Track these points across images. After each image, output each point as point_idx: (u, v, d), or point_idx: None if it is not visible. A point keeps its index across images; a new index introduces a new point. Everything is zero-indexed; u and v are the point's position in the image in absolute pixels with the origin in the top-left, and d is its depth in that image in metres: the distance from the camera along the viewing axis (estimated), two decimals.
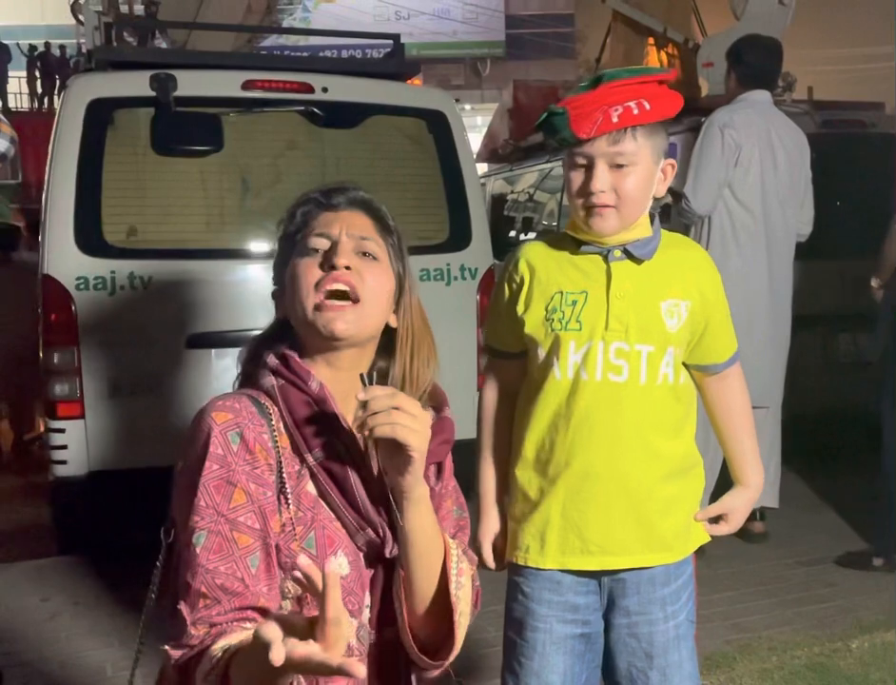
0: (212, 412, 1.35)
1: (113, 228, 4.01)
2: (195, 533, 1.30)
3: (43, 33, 23.65)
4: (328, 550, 1.38)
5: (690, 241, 2.00)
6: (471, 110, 22.07)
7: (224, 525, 1.30)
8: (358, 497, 1.38)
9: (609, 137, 1.76)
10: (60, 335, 3.89)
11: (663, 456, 1.88)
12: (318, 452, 1.38)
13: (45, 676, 3.29)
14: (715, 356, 1.95)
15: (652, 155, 1.82)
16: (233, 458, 1.33)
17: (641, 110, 1.75)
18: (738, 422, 2.03)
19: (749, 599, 3.83)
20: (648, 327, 1.83)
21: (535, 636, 1.93)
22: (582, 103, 1.78)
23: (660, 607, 1.92)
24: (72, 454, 3.91)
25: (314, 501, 1.39)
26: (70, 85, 4.13)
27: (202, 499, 1.31)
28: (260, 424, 1.37)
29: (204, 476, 1.31)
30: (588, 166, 1.80)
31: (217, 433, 1.33)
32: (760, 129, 4.19)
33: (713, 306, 1.91)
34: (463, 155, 4.51)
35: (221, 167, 4.20)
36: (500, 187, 8.39)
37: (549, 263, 1.90)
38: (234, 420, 1.35)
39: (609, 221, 1.81)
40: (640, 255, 1.85)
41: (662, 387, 1.86)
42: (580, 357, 1.84)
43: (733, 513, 2.02)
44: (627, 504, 1.86)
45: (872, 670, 3.26)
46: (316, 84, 4.31)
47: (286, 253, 1.48)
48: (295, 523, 1.36)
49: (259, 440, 1.35)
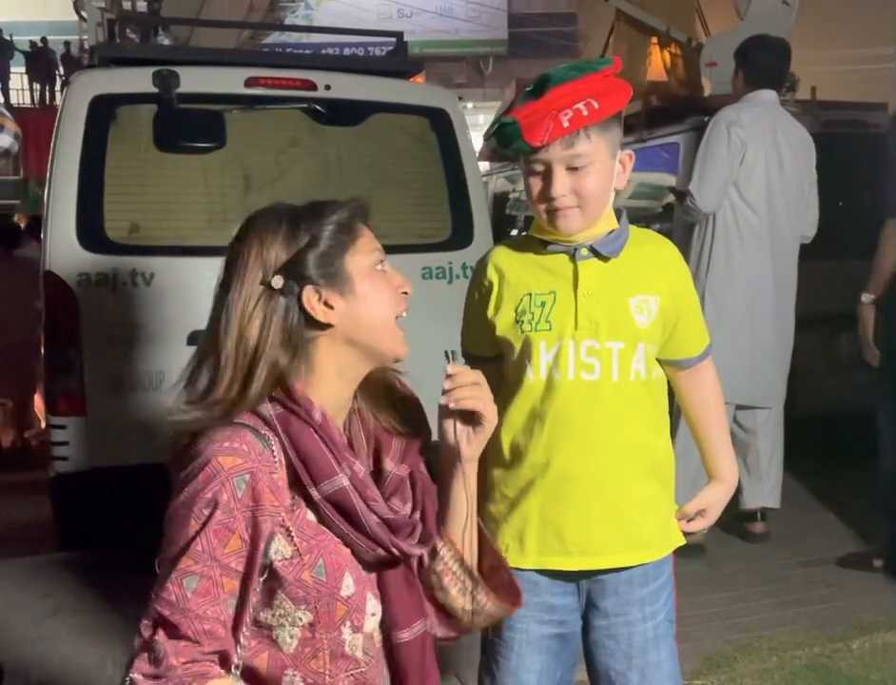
0: (219, 456, 1.32)
1: (115, 225, 4.01)
2: (187, 576, 1.30)
3: (45, 29, 23.63)
4: (336, 574, 1.38)
5: (658, 236, 1.99)
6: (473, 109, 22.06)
7: (216, 570, 1.31)
8: (366, 524, 1.38)
9: (563, 141, 1.76)
10: (62, 331, 3.89)
11: (639, 453, 1.88)
12: (324, 486, 1.37)
13: (45, 672, 3.29)
14: (687, 350, 1.96)
15: (609, 150, 1.82)
16: (236, 504, 1.31)
17: (591, 110, 1.74)
18: (711, 416, 2.04)
19: (749, 599, 3.82)
20: (617, 324, 1.83)
21: (512, 635, 1.94)
22: (531, 111, 1.78)
23: (639, 608, 1.92)
24: (73, 450, 3.91)
25: (315, 529, 1.39)
26: (73, 81, 4.13)
27: (199, 543, 1.30)
28: (269, 464, 1.35)
29: (206, 524, 1.30)
30: (546, 172, 1.81)
31: (224, 478, 1.31)
32: (766, 129, 4.19)
33: (683, 301, 1.92)
34: (466, 153, 4.50)
35: (223, 164, 4.20)
36: (502, 186, 8.38)
37: (516, 265, 1.91)
38: (242, 465, 1.33)
39: (572, 221, 1.81)
40: (607, 253, 1.85)
41: (635, 384, 1.85)
42: (552, 357, 1.84)
43: (710, 508, 2.04)
44: (604, 503, 1.86)
45: (873, 670, 3.26)
46: (319, 81, 4.31)
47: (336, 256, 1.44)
48: (302, 553, 1.36)
49: (269, 483, 1.34)
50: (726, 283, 4.23)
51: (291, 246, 1.42)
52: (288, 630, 1.38)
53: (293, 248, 1.42)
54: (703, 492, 2.06)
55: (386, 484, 1.46)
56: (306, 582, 1.36)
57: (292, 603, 1.37)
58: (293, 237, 1.42)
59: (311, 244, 1.42)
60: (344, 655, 1.41)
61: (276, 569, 1.36)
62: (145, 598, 1.35)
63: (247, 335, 1.39)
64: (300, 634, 1.38)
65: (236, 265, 1.44)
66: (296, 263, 1.41)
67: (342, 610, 1.39)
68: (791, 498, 4.92)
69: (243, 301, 1.40)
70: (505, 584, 1.59)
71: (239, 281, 1.42)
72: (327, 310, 1.42)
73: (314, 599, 1.37)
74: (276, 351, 1.39)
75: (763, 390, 4.27)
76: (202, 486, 1.31)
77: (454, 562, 1.54)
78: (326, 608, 1.38)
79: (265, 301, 1.40)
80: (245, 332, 1.39)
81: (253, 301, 1.40)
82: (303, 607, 1.37)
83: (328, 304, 1.42)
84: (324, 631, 1.38)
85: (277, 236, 1.43)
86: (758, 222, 4.21)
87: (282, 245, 1.42)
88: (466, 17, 27.16)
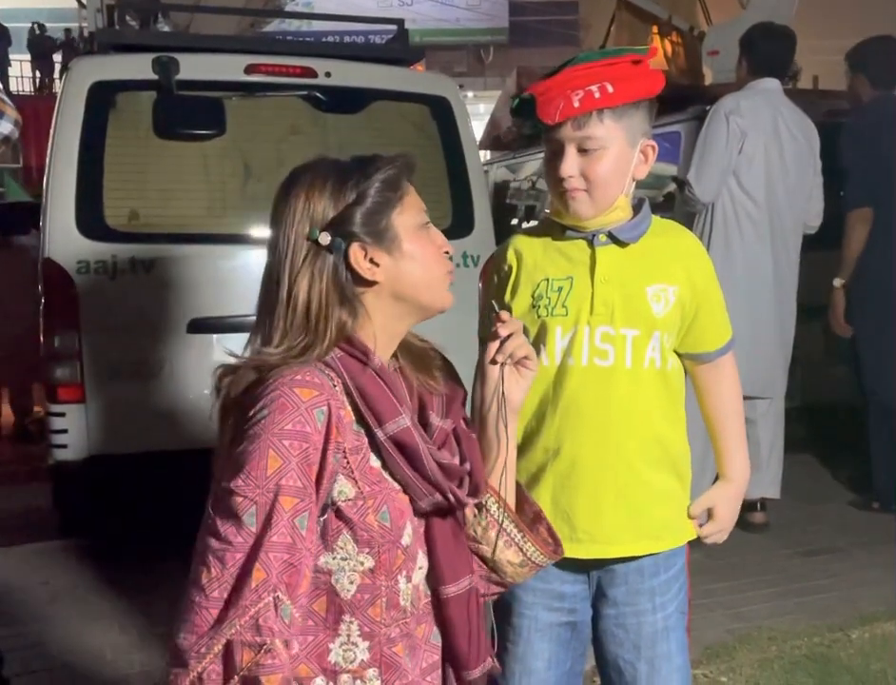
0: (296, 388, 1.31)
1: (115, 212, 4.00)
2: (298, 515, 1.28)
3: (44, 16, 23.52)
4: (399, 522, 1.39)
5: (681, 228, 1.98)
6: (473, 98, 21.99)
7: (313, 505, 1.31)
8: (428, 467, 1.38)
9: (574, 122, 1.76)
10: (61, 319, 3.88)
11: (652, 442, 1.87)
12: (389, 426, 1.37)
13: (44, 660, 3.29)
14: (707, 344, 1.94)
15: (626, 137, 1.80)
16: (318, 437, 1.31)
17: (603, 94, 1.74)
18: (727, 412, 2.01)
19: (749, 589, 3.83)
20: (633, 311, 1.83)
21: (521, 622, 1.95)
22: (547, 88, 1.79)
23: (648, 598, 1.91)
24: (73, 438, 3.91)
25: (378, 475, 1.39)
26: (72, 67, 4.11)
27: (292, 478, 1.28)
28: (338, 400, 1.35)
29: (294, 457, 1.28)
30: (559, 151, 1.80)
31: (305, 409, 1.30)
32: (767, 117, 4.17)
33: (703, 294, 1.89)
34: (467, 142, 4.49)
35: (223, 152, 4.18)
36: (503, 175, 8.35)
37: (535, 250, 1.91)
38: (319, 396, 1.32)
39: (581, 204, 1.81)
40: (625, 239, 1.84)
41: (649, 372, 1.84)
42: (567, 342, 1.84)
43: (718, 507, 1.99)
44: (615, 491, 1.85)
45: (872, 660, 3.26)
46: (319, 69, 4.29)
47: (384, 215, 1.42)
48: (366, 497, 1.36)
49: (338, 419, 1.34)
50: (724, 272, 4.21)
51: (338, 202, 1.40)
52: (348, 574, 1.37)
53: (340, 204, 1.40)
54: (710, 490, 2.03)
55: (434, 437, 1.46)
56: (371, 526, 1.35)
57: (356, 545, 1.36)
58: (340, 193, 1.41)
59: (358, 200, 1.40)
60: (397, 606, 1.41)
61: (341, 509, 1.35)
62: (144, 584, 1.33)
63: (297, 291, 1.38)
64: (359, 579, 1.37)
65: (282, 221, 1.42)
66: (343, 219, 1.40)
67: (401, 558, 1.40)
68: (792, 488, 4.93)
69: (290, 257, 1.40)
70: (545, 534, 1.61)
71: (285, 237, 1.41)
72: (373, 267, 1.41)
73: (378, 544, 1.36)
74: (338, 312, 1.39)
75: (763, 380, 4.26)
76: (281, 418, 1.29)
77: (501, 514, 1.55)
78: (388, 554, 1.37)
79: (313, 257, 1.39)
80: (295, 288, 1.39)
81: (301, 256, 1.40)
82: (367, 551, 1.36)
83: (374, 262, 1.41)
84: (384, 577, 1.38)
85: (324, 191, 1.41)
86: (757, 211, 4.19)
87: (329, 201, 1.41)
88: (467, 6, 27.05)
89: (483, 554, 1.57)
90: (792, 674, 3.19)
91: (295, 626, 1.29)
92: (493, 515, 1.56)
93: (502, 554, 1.56)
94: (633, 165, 1.83)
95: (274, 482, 1.27)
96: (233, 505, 1.28)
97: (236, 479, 1.28)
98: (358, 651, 1.39)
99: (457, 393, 1.54)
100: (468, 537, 1.55)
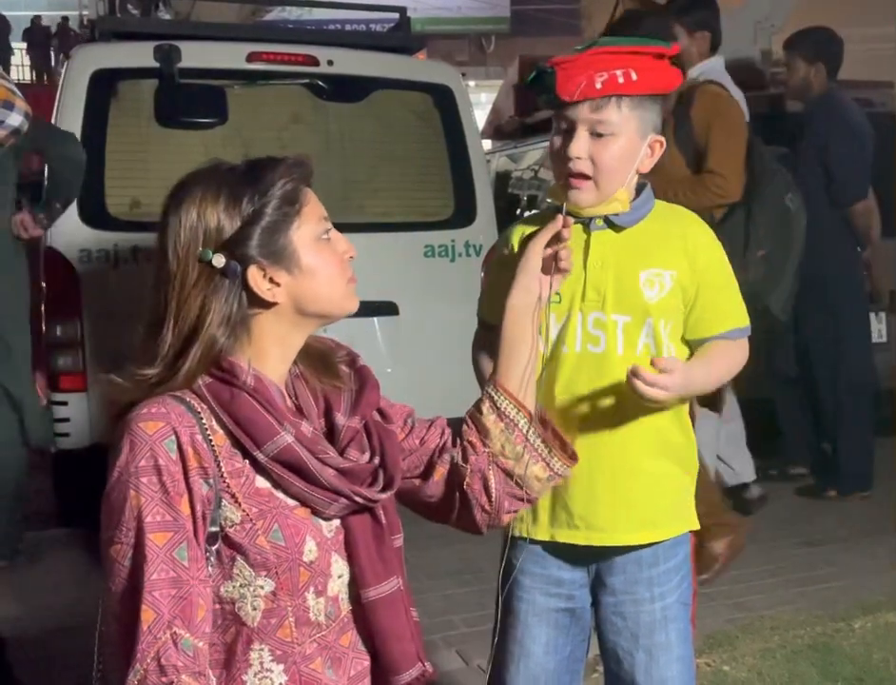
0: (139, 423, 1.28)
1: (117, 201, 4.00)
2: (176, 547, 1.26)
3: (44, 4, 23.49)
4: (296, 539, 1.35)
5: (687, 212, 1.94)
6: (475, 87, 21.93)
7: (189, 532, 1.28)
8: (320, 477, 1.34)
9: (591, 103, 1.74)
10: (63, 307, 3.88)
11: (648, 430, 1.85)
12: (268, 448, 1.33)
13: (45, 647, 3.29)
14: (704, 329, 1.85)
15: (638, 128, 1.78)
16: (174, 467, 1.28)
17: (627, 80, 1.73)
18: (714, 355, 1.86)
19: (751, 579, 3.82)
20: (624, 297, 1.81)
21: (519, 605, 1.95)
22: (570, 65, 1.76)
23: (646, 587, 1.90)
24: (74, 426, 3.91)
25: (268, 495, 1.35)
26: (74, 55, 4.11)
27: (158, 513, 1.26)
28: (190, 424, 1.30)
29: (152, 492, 1.26)
30: (569, 131, 1.78)
31: (152, 443, 1.27)
32: None
33: (706, 278, 1.84)
34: (469, 131, 4.48)
35: (224, 140, 4.16)
36: (505, 164, 8.33)
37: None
38: (165, 427, 1.28)
39: (585, 194, 1.79)
40: (621, 223, 1.82)
41: (643, 359, 1.79)
42: (561, 328, 1.83)
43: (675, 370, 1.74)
44: (611, 479, 1.85)
45: (875, 650, 3.25)
46: (321, 57, 4.28)
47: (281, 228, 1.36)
48: (253, 519, 1.33)
49: (191, 442, 1.29)
50: None
51: (233, 220, 1.33)
52: (251, 600, 1.33)
53: (235, 222, 1.33)
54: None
55: (341, 438, 1.43)
56: (264, 548, 1.32)
57: (252, 570, 1.33)
58: (234, 209, 1.34)
59: (255, 218, 1.33)
60: (308, 622, 1.38)
61: (229, 535, 1.32)
62: None
63: (185, 314, 1.33)
64: (262, 604, 1.34)
65: (171, 235, 1.34)
66: (238, 240, 1.32)
67: (306, 575, 1.36)
68: (794, 478, 4.94)
69: (180, 277, 1.33)
70: (560, 442, 1.62)
71: (175, 255, 1.33)
72: (273, 288, 1.35)
73: (274, 565, 1.33)
74: (214, 331, 1.33)
75: None
76: (133, 456, 1.27)
77: (529, 430, 1.56)
78: (288, 574, 1.34)
79: (206, 279, 1.32)
80: (183, 310, 1.33)
81: (192, 278, 1.32)
82: (264, 574, 1.33)
83: (274, 281, 1.35)
84: (288, 598, 1.35)
85: (217, 206, 1.34)
86: None
87: (223, 217, 1.33)
88: None
89: (509, 469, 1.55)
90: (795, 663, 3.19)
91: (200, 656, 1.27)
92: (521, 429, 1.55)
93: (530, 469, 1.56)
94: (639, 157, 1.81)
95: (141, 521, 1.26)
96: (112, 554, 1.28)
97: (108, 528, 1.29)
98: (274, 676, 1.35)
99: (368, 385, 1.49)
100: (493, 451, 1.55)
